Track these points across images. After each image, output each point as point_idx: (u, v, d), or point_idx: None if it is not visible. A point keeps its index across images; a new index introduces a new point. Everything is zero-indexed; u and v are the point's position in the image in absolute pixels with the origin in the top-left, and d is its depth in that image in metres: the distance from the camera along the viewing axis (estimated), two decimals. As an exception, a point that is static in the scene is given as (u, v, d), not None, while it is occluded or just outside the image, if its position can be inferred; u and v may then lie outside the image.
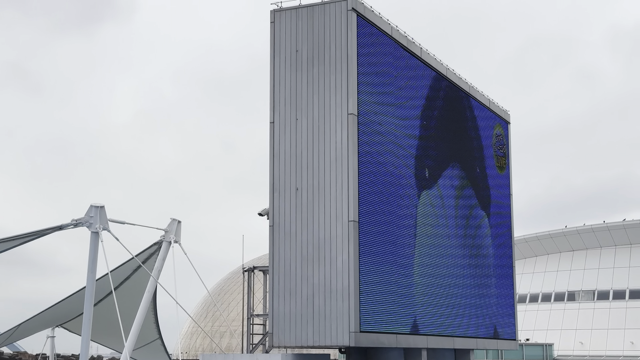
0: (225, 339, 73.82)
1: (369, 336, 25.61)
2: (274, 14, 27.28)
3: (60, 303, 33.52)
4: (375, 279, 26.31)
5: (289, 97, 26.75)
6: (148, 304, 29.40)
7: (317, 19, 26.75)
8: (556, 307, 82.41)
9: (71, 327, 39.04)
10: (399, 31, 29.23)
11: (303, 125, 26.45)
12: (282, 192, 26.43)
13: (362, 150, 26.14)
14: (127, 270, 31.47)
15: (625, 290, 79.65)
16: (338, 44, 26.30)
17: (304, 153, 26.33)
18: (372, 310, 25.94)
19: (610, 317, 78.47)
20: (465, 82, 34.86)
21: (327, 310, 25.29)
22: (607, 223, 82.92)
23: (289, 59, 26.93)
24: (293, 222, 26.19)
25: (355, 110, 25.92)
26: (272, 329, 26.08)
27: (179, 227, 29.37)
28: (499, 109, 38.66)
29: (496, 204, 37.57)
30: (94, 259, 25.20)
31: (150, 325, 35.61)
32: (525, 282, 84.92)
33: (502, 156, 38.64)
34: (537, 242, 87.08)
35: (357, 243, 25.41)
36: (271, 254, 26.36)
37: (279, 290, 26.07)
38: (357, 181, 25.69)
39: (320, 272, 25.56)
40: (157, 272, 28.98)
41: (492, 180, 37.34)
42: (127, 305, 30.22)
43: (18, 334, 36.94)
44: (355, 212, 25.47)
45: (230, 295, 79.55)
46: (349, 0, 26.38)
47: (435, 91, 32.23)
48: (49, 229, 25.67)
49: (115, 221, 26.06)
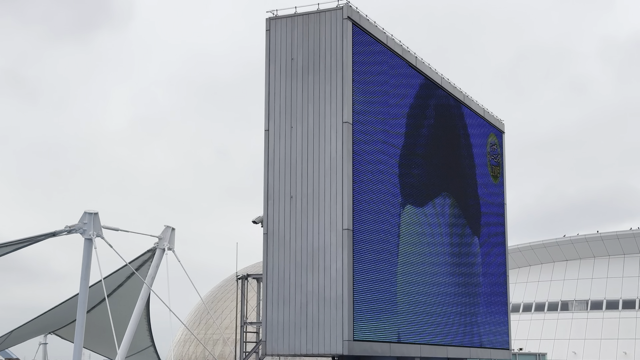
0: (218, 347, 73.56)
1: (362, 345, 25.57)
2: (270, 22, 27.32)
3: (53, 310, 33.39)
4: (369, 287, 26.28)
5: (284, 105, 26.76)
6: (141, 311, 29.32)
7: (313, 27, 26.79)
8: (549, 316, 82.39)
9: (64, 334, 38.88)
10: (394, 40, 29.29)
11: (298, 133, 26.46)
12: (277, 199, 26.42)
13: (356, 158, 26.15)
14: (121, 277, 31.38)
15: (619, 300, 79.68)
16: (333, 52, 26.34)
17: (299, 161, 26.33)
18: (366, 319, 25.90)
19: (603, 327, 78.46)
20: (460, 91, 34.92)
21: (320, 319, 25.25)
22: (601, 233, 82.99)
23: (284, 67, 26.96)
24: (287, 229, 26.17)
25: (350, 119, 25.94)
26: (265, 337, 26.03)
27: (173, 234, 29.32)
28: (493, 119, 38.73)
29: (490, 214, 37.60)
30: (87, 265, 25.11)
31: (143, 333, 35.52)
32: (518, 292, 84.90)
33: (496, 165, 38.68)
34: (531, 251, 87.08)
35: (351, 251, 25.39)
36: (265, 262, 26.33)
37: (272, 298, 26.03)
38: (351, 189, 25.69)
39: (314, 280, 25.53)
40: (151, 280, 28.91)
41: (486, 190, 37.37)
42: (120, 312, 30.15)
43: (10, 340, 36.76)
44: (349, 220, 25.46)
45: (224, 303, 79.38)
46: (344, 8, 26.44)
47: (429, 100, 32.27)
48: (42, 236, 25.59)
49: (109, 228, 25.98)
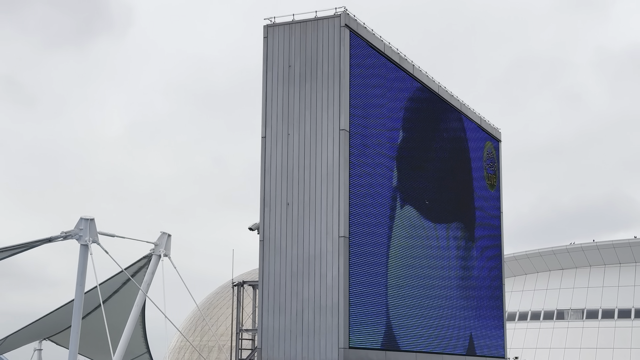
0: (213, 354, 73.40)
1: (358, 352, 25.55)
2: (267, 29, 27.35)
3: (49, 316, 33.37)
4: (365, 294, 26.27)
5: (281, 112, 26.78)
6: (137, 317, 29.31)
7: (310, 35, 26.83)
8: (545, 325, 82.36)
9: (59, 340, 38.83)
10: (391, 47, 29.34)
11: (295, 140, 26.47)
12: (273, 207, 26.42)
13: (353, 166, 26.16)
14: (116, 283, 31.37)
15: (614, 310, 79.70)
16: (330, 59, 26.37)
17: (295, 168, 26.34)
18: (362, 326, 25.89)
19: (599, 337, 78.45)
20: (457, 100, 34.98)
21: (316, 326, 25.23)
22: (597, 242, 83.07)
23: (281, 74, 26.99)
24: (283, 237, 26.16)
25: (347, 126, 25.96)
26: (261, 344, 26.00)
27: (169, 240, 29.35)
28: (490, 127, 38.78)
29: (486, 222, 37.61)
30: (83, 271, 25.12)
31: (138, 339, 35.49)
32: (514, 300, 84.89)
33: (492, 174, 38.73)
34: (527, 260, 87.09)
35: (347, 259, 25.39)
36: (261, 269, 26.31)
37: (268, 305, 26.01)
38: (347, 197, 25.70)
39: (310, 288, 25.52)
40: (147, 286, 28.91)
41: (483, 198, 37.40)
42: (115, 318, 30.13)
43: (5, 346, 36.71)
44: (345, 227, 25.46)
45: (220, 309, 79.22)
46: (342, 16, 26.49)
47: (426, 108, 32.33)
48: (38, 241, 25.61)
49: (105, 234, 26.00)
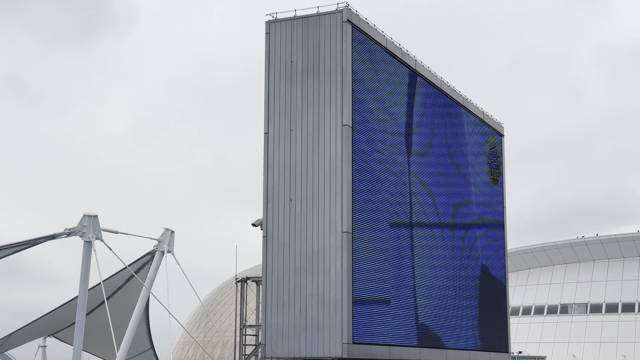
0: (217, 350, 73.48)
1: (361, 348, 25.55)
2: (269, 25, 27.32)
3: (52, 312, 33.39)
4: (369, 290, 26.27)
5: (284, 108, 26.76)
6: (140, 314, 29.35)
7: (312, 30, 26.79)
8: (549, 319, 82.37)
9: (63, 337, 38.90)
10: (393, 43, 29.30)
11: (297, 136, 26.46)
12: (276, 202, 26.41)
13: (356, 161, 26.14)
14: (120, 280, 31.40)
15: (618, 304, 79.69)
16: (333, 55, 26.34)
17: (298, 164, 26.33)
18: (365, 322, 25.89)
19: (602, 331, 78.47)
20: (460, 94, 34.94)
21: (320, 322, 25.23)
22: (600, 236, 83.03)
23: (283, 70, 26.95)
24: (287, 232, 26.16)
25: (349, 122, 25.94)
26: (264, 340, 26.01)
27: (172, 237, 29.35)
28: (493, 122, 38.74)
29: (490, 217, 37.59)
30: (86, 268, 25.13)
31: (142, 336, 35.52)
32: (518, 295, 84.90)
33: (495, 169, 38.69)
34: (531, 254, 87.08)
35: (351, 254, 25.37)
36: (264, 265, 26.31)
37: (271, 301, 26.01)
38: (351, 192, 25.68)
39: (313, 283, 25.52)
40: (150, 282, 28.94)
41: (486, 193, 37.37)
42: (119, 315, 30.15)
43: (9, 343, 36.75)
44: (349, 223, 25.44)
45: (223, 305, 79.28)
46: (344, 11, 26.44)
47: (428, 103, 32.29)
48: (42, 238, 25.62)
49: (109, 230, 26.01)
